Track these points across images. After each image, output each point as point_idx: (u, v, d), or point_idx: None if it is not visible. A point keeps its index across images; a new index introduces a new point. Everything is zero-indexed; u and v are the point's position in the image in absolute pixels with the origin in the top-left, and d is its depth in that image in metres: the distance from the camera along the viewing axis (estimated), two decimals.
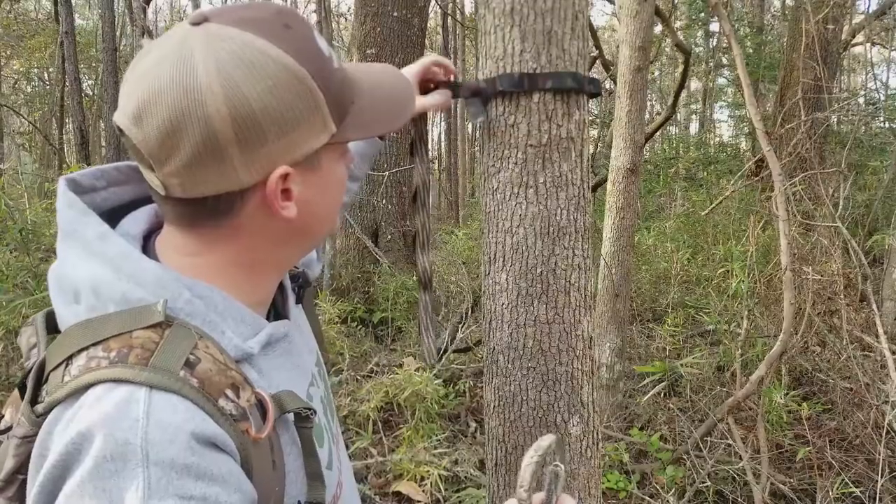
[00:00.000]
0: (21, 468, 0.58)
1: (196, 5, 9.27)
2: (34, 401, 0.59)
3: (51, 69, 14.70)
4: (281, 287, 0.78)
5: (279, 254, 0.68)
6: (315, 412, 0.67)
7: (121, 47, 13.79)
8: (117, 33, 12.11)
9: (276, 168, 0.60)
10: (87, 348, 0.57)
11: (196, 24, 0.58)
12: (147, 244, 0.67)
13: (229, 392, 0.58)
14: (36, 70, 16.16)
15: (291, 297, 0.80)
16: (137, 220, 0.68)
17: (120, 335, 0.57)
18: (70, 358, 0.57)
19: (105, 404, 0.53)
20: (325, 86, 0.61)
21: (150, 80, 0.57)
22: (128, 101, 0.58)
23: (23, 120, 14.64)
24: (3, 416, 0.66)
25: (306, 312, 0.86)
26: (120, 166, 0.70)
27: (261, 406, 0.61)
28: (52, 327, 0.64)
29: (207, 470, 0.53)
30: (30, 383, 0.59)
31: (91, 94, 14.49)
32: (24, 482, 0.58)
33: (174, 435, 0.53)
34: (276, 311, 0.77)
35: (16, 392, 0.66)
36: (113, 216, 0.67)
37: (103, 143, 11.26)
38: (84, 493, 0.51)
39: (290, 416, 0.65)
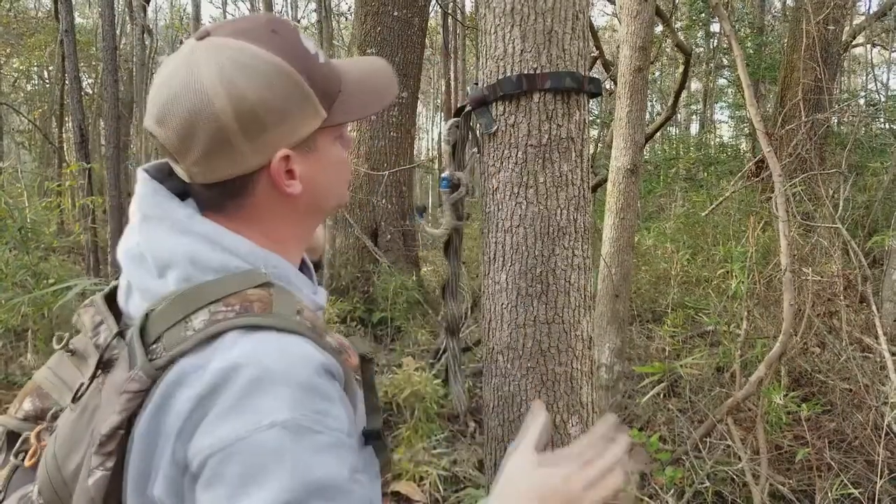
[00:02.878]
0: (125, 424, 0.64)
1: (196, 4, 9.26)
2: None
3: (50, 67, 14.69)
4: (306, 266, 0.90)
5: (297, 228, 0.79)
6: (374, 357, 0.78)
7: (121, 46, 13.79)
8: (117, 32, 12.12)
9: (277, 151, 0.71)
10: (205, 306, 0.67)
11: (200, 38, 0.70)
12: None
13: (328, 332, 0.71)
14: (36, 68, 16.15)
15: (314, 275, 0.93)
16: (188, 208, 0.78)
17: (238, 293, 0.68)
18: (188, 316, 0.66)
19: (244, 344, 0.64)
20: (312, 78, 0.72)
21: (167, 89, 0.69)
22: (151, 108, 0.71)
23: (22, 118, 14.63)
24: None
25: None
26: (165, 162, 0.81)
27: (343, 345, 0.74)
28: (113, 305, 0.74)
29: (329, 393, 0.65)
30: (136, 345, 0.66)
31: (91, 92, 14.48)
32: (124, 437, 0.64)
33: (305, 363, 0.64)
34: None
35: (31, 382, 0.77)
36: None
37: (103, 142, 11.25)
38: (236, 411, 0.60)
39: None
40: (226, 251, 0.71)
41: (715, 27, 13.10)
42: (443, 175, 1.25)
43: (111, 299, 0.76)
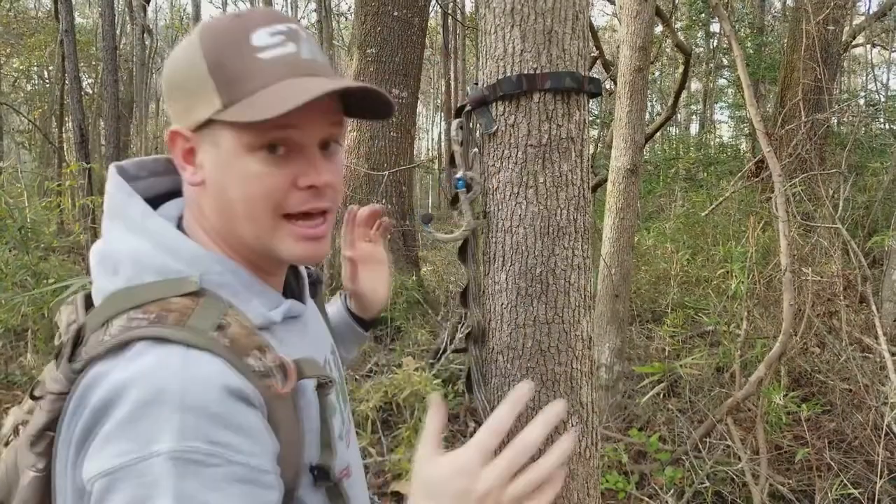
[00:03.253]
0: (51, 424, 0.63)
1: (196, 4, 9.26)
2: (71, 360, 0.65)
3: (50, 67, 14.69)
4: (297, 275, 0.87)
5: (221, 226, 0.73)
6: (333, 381, 0.74)
7: (121, 46, 13.78)
8: (117, 32, 12.11)
9: (177, 123, 0.72)
10: (126, 311, 0.64)
11: None
12: (179, 226, 0.76)
13: (256, 352, 0.65)
14: (35, 68, 16.14)
15: (307, 289, 0.88)
16: (175, 206, 0.78)
17: (159, 300, 0.64)
18: (110, 320, 0.64)
19: (145, 358, 0.60)
20: (220, 67, 0.68)
21: None
22: None
23: (22, 118, 14.63)
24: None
25: (319, 309, 0.94)
26: (159, 158, 0.80)
27: (282, 368, 0.67)
28: (90, 306, 0.72)
29: (234, 420, 0.59)
30: (67, 344, 0.66)
31: (91, 92, 14.48)
32: (52, 439, 0.63)
33: (207, 386, 0.59)
34: (293, 296, 0.83)
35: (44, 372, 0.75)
36: (153, 204, 0.76)
37: (103, 142, 11.24)
38: (121, 434, 0.57)
39: (310, 383, 0.72)
40: (168, 252, 0.68)
41: (715, 27, 13.10)
42: (457, 176, 1.24)
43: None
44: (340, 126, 0.74)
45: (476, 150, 1.24)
